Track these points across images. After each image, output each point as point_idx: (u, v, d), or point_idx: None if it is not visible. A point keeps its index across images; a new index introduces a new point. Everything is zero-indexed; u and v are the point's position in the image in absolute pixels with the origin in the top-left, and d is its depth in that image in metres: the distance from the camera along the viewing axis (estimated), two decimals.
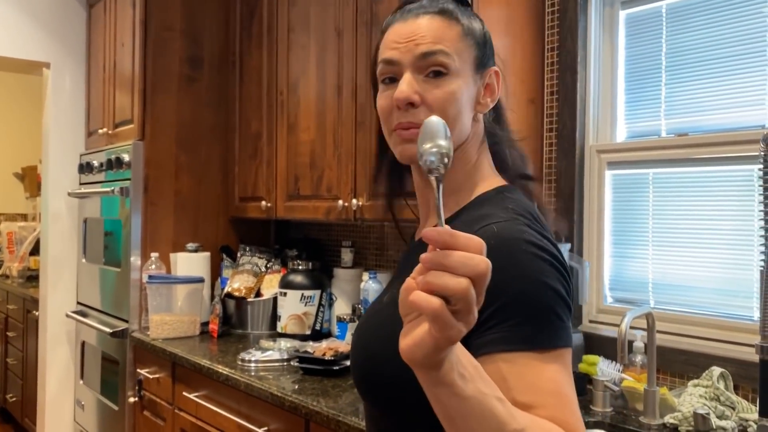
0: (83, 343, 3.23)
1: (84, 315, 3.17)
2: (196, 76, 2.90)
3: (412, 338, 0.57)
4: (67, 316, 3.26)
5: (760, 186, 1.35)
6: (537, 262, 0.75)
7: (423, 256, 0.56)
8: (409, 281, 0.57)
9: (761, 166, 1.37)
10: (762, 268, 1.35)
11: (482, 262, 0.55)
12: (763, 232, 1.39)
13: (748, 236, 1.66)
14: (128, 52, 2.88)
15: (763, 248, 1.39)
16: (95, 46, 3.31)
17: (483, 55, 0.91)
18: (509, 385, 0.69)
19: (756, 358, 1.42)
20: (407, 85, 0.85)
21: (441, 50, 0.86)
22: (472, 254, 0.55)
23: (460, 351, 0.60)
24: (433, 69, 0.86)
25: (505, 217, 0.81)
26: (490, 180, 0.93)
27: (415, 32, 0.87)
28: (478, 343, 0.72)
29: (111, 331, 2.74)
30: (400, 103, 0.85)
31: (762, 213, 1.38)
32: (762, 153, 1.34)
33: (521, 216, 0.81)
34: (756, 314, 1.65)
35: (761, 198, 1.38)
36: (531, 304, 0.73)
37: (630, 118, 1.94)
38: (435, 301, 0.53)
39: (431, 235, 0.55)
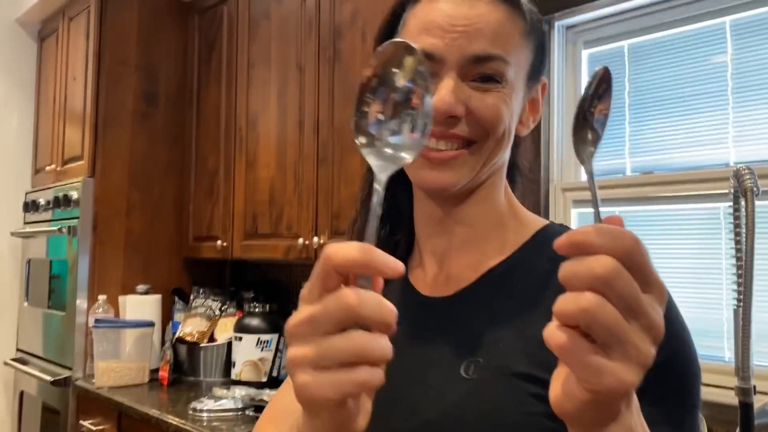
0: (22, 393, 3.03)
1: (24, 362, 2.99)
2: (151, 112, 2.81)
3: (561, 386, 0.43)
4: (6, 364, 3.06)
5: (730, 223, 1.33)
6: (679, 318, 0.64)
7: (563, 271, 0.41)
8: None
9: (730, 203, 1.35)
10: (735, 307, 1.31)
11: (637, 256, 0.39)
12: (735, 270, 1.37)
13: (716, 275, 1.64)
14: (80, 86, 2.79)
15: (735, 286, 1.36)
16: (45, 80, 3.21)
17: (540, 63, 0.73)
18: None
19: (730, 400, 1.38)
20: (451, 93, 0.65)
21: (500, 56, 0.66)
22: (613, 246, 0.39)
23: (637, 415, 0.45)
24: (484, 75, 0.67)
25: None
26: (526, 211, 0.78)
27: (470, 20, 0.66)
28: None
29: (52, 379, 2.57)
30: (439, 115, 0.65)
31: (733, 250, 1.36)
32: (732, 189, 1.32)
33: None
34: (727, 354, 1.62)
35: (731, 235, 1.36)
36: (683, 371, 0.61)
37: (595, 156, 1.93)
38: (560, 335, 0.40)
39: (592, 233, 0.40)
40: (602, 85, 0.50)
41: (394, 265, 0.44)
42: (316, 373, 0.43)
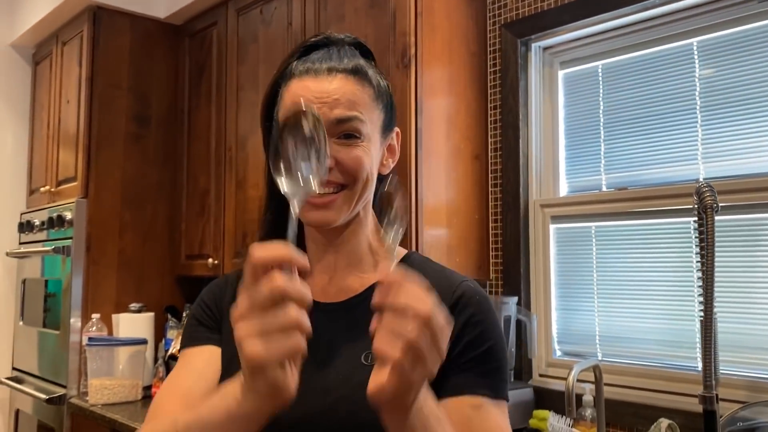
0: (17, 412, 3.05)
1: (19, 381, 3.01)
2: (143, 134, 2.87)
3: (378, 382, 0.61)
4: (1, 383, 3.08)
5: (696, 237, 1.39)
6: (500, 328, 0.87)
7: (381, 301, 0.62)
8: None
9: (696, 218, 1.41)
10: (701, 318, 1.37)
11: (429, 309, 0.61)
12: (700, 283, 1.42)
13: (689, 287, 1.70)
14: (73, 109, 2.84)
15: (701, 299, 1.42)
16: (39, 102, 3.26)
17: (390, 117, 0.91)
18: (472, 426, 0.79)
19: (701, 408, 1.43)
20: None
21: (356, 117, 0.84)
22: (420, 299, 0.61)
23: (427, 400, 0.67)
24: (346, 133, 0.84)
25: (465, 277, 0.90)
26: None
27: (328, 93, 0.84)
28: (455, 379, 0.81)
29: (47, 397, 2.61)
30: None
31: (698, 264, 1.41)
32: (695, 206, 1.38)
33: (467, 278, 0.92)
34: (699, 364, 1.67)
35: (697, 249, 1.41)
36: (500, 356, 0.84)
37: (571, 173, 1.99)
38: (394, 351, 0.59)
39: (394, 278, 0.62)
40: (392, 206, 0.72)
41: (305, 261, 0.61)
42: (262, 341, 0.58)
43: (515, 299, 1.91)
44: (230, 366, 0.87)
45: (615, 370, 1.79)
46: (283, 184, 0.69)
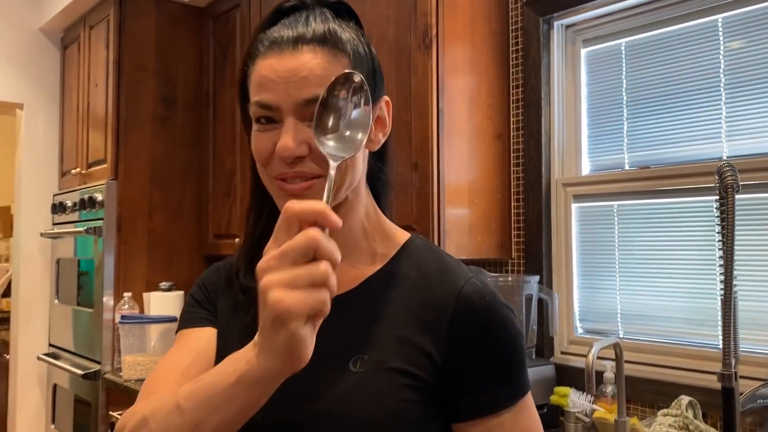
0: (55, 386, 3.17)
1: (56, 357, 3.12)
2: (169, 116, 2.92)
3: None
4: (39, 358, 3.20)
5: (717, 216, 1.39)
6: (513, 322, 0.79)
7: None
8: None
9: (717, 196, 1.41)
10: (722, 296, 1.38)
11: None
12: (721, 261, 1.43)
13: (712, 265, 1.70)
14: (102, 92, 2.90)
15: (722, 277, 1.42)
16: (69, 86, 3.33)
17: (373, 86, 0.79)
18: None
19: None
20: (292, 137, 0.73)
21: None
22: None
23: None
24: None
25: (469, 271, 0.81)
26: (392, 225, 0.87)
27: (295, 70, 0.73)
28: (470, 400, 0.75)
29: (83, 372, 2.70)
30: (285, 159, 0.74)
31: (720, 243, 1.42)
32: (717, 184, 1.38)
33: (472, 270, 0.82)
34: (721, 342, 1.67)
35: (718, 228, 1.42)
36: (516, 357, 0.77)
37: (594, 152, 1.99)
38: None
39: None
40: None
41: (338, 219, 0.58)
42: (289, 291, 0.55)
43: (537, 278, 1.92)
44: (224, 351, 0.80)
45: (636, 348, 1.81)
46: (326, 147, 0.67)
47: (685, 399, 1.59)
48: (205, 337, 0.86)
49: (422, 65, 1.92)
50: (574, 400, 1.72)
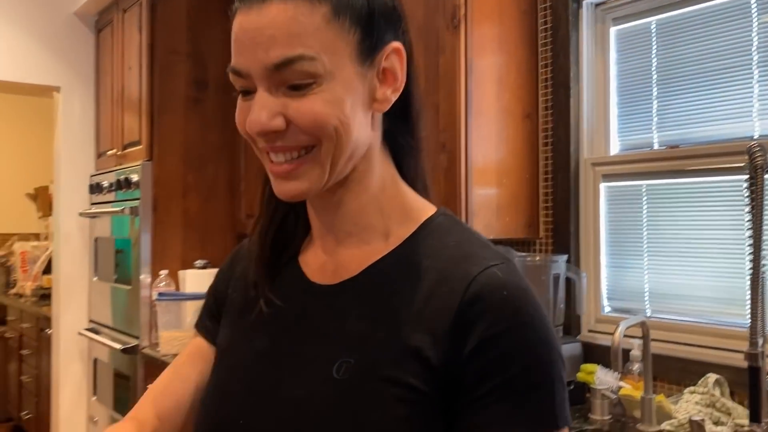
0: (95, 360, 3.29)
1: (96, 332, 3.24)
2: (201, 98, 2.97)
3: None
4: (80, 334, 3.32)
5: (746, 196, 1.39)
6: (539, 327, 0.62)
7: None
8: None
9: (747, 176, 1.41)
10: (750, 276, 1.38)
11: None
12: (750, 241, 1.43)
13: (741, 245, 1.70)
14: (135, 75, 2.96)
15: (751, 256, 1.43)
16: (103, 69, 3.40)
17: (372, 33, 0.66)
18: None
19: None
20: (261, 110, 0.63)
21: (300, 55, 0.61)
22: None
23: None
24: (293, 84, 0.62)
25: (495, 258, 0.65)
26: (415, 198, 0.74)
27: (261, 29, 0.62)
28: (475, 419, 0.60)
29: (122, 347, 2.80)
30: (259, 135, 0.65)
31: (749, 222, 1.42)
32: (747, 164, 1.38)
33: (504, 256, 0.67)
34: (749, 321, 1.68)
35: (748, 208, 1.42)
36: (533, 380, 0.60)
37: (623, 131, 1.99)
38: None
39: None
40: None
41: None
42: None
43: (565, 257, 1.94)
44: (231, 348, 0.76)
45: (664, 327, 1.82)
46: None
47: (712, 377, 1.61)
48: (191, 350, 0.82)
49: (450, 46, 1.93)
50: (601, 378, 1.74)
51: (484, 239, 0.70)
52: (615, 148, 2.00)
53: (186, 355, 0.82)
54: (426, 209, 0.73)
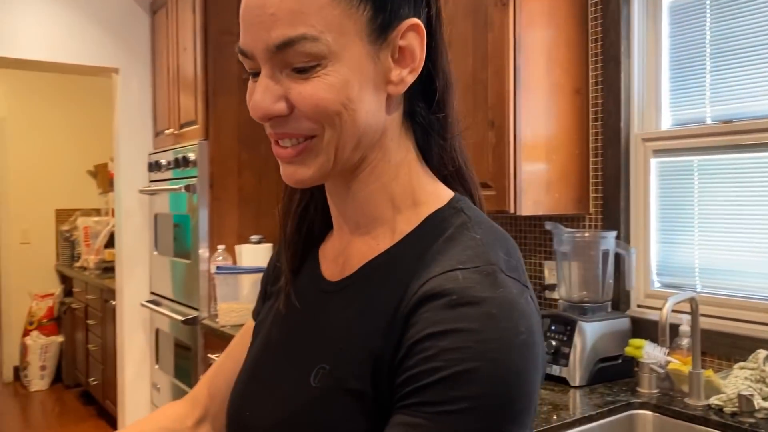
0: (157, 330, 3.45)
1: (157, 304, 3.39)
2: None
3: None
4: (142, 305, 3.48)
5: None
6: (506, 341, 0.53)
7: None
8: None
9: None
10: None
11: None
12: None
13: None
14: (190, 55, 3.05)
15: None
16: (159, 50, 3.50)
17: (384, 9, 0.60)
18: None
19: None
20: (264, 93, 0.60)
21: (302, 36, 0.57)
22: None
23: None
24: (296, 66, 0.59)
25: (472, 261, 0.58)
26: (429, 188, 0.67)
27: (263, 7, 0.58)
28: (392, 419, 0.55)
29: (183, 318, 2.94)
30: (261, 120, 0.62)
31: None
32: None
33: (489, 262, 0.58)
34: None
35: None
36: (451, 382, 0.52)
37: (675, 106, 1.97)
38: None
39: None
40: None
41: None
42: None
43: (614, 233, 1.95)
44: (255, 339, 0.76)
45: (713, 302, 1.82)
46: None
47: (762, 353, 1.61)
48: (246, 332, 0.82)
49: (499, 22, 1.93)
50: (649, 352, 1.76)
51: (486, 237, 0.61)
52: (667, 123, 1.99)
53: (239, 336, 0.84)
54: (436, 200, 0.66)
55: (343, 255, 0.68)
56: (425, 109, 0.67)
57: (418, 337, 0.54)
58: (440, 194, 0.66)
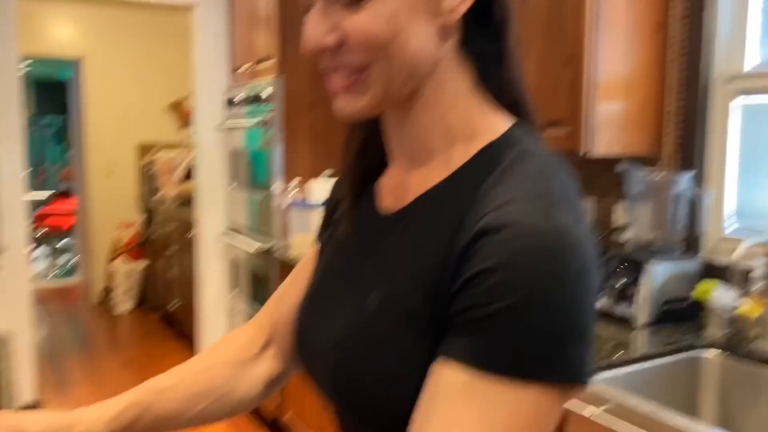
0: (234, 260, 3.63)
1: (233, 236, 3.56)
2: None
3: None
4: (219, 236, 3.66)
5: None
6: (563, 269, 0.54)
7: None
8: None
9: None
10: None
11: None
12: None
13: None
14: None
15: None
16: None
17: None
18: (429, 411, 0.55)
19: None
20: (315, 24, 0.60)
21: None
22: None
23: None
24: None
25: (526, 195, 0.57)
26: (486, 120, 0.66)
27: None
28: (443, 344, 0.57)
29: (257, 249, 3.08)
30: (312, 52, 0.62)
31: None
32: None
33: (543, 195, 0.57)
34: None
35: None
36: (505, 319, 0.53)
37: (763, 45, 1.88)
38: None
39: None
40: None
41: None
42: None
43: (689, 175, 1.91)
44: (315, 266, 0.79)
45: None
46: None
47: None
48: (309, 258, 0.83)
49: None
50: (718, 295, 1.75)
51: (541, 169, 0.61)
52: (751, 63, 1.90)
53: (301, 264, 0.84)
54: (492, 132, 0.65)
55: (399, 188, 0.69)
56: (483, 37, 0.65)
57: (473, 272, 0.54)
58: (497, 125, 0.65)
